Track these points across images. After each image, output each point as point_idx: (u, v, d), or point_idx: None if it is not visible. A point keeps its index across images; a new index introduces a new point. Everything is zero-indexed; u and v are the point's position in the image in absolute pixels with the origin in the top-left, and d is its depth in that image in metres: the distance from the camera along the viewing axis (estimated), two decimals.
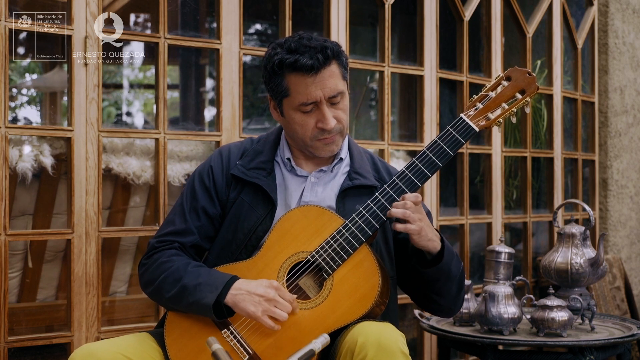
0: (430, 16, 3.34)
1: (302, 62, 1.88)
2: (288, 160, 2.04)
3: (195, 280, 1.85)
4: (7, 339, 2.32)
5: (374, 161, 2.12)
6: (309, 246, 1.88)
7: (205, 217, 2.01)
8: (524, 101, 1.94)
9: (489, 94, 1.94)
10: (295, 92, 1.92)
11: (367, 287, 1.84)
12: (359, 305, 1.83)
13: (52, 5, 2.85)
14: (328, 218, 1.89)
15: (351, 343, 1.73)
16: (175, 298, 1.88)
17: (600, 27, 4.26)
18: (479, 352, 2.69)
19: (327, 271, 1.85)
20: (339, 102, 1.96)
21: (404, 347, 1.74)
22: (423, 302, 2.07)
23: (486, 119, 1.92)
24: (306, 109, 1.93)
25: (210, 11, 4.22)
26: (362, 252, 1.86)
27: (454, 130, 1.90)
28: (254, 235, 1.95)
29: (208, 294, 1.82)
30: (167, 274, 1.90)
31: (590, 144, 4.26)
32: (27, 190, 2.80)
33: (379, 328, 1.75)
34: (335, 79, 1.93)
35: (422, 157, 1.88)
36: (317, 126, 1.94)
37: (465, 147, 3.46)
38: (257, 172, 2.00)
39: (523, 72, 1.94)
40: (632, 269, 4.31)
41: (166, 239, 1.99)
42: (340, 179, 2.04)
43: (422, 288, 2.00)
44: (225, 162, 2.05)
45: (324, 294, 1.85)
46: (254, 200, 1.99)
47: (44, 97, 6.46)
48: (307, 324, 1.83)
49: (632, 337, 2.68)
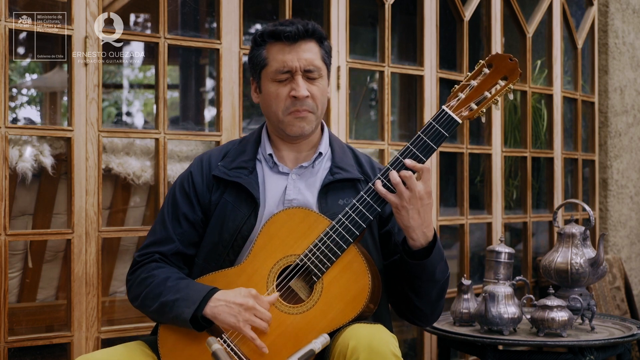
0: (430, 16, 3.34)
1: (281, 29, 1.94)
2: (270, 156, 2.03)
3: (173, 295, 1.84)
4: (7, 339, 2.32)
5: (356, 155, 2.10)
6: (296, 249, 1.86)
7: (187, 224, 2.00)
8: (506, 88, 1.89)
9: (471, 83, 1.88)
10: (272, 60, 1.96)
11: (357, 288, 1.81)
12: (351, 307, 1.81)
13: (52, 5, 2.85)
14: (314, 219, 1.87)
15: (343, 347, 1.72)
16: (157, 313, 1.88)
17: (600, 27, 4.26)
18: (479, 352, 2.69)
19: (317, 274, 1.83)
20: (316, 79, 1.97)
21: (396, 349, 1.72)
22: (400, 304, 2.00)
23: (469, 109, 1.87)
24: (281, 77, 1.95)
25: (210, 11, 4.22)
26: (351, 253, 1.83)
27: (437, 124, 1.85)
28: (239, 234, 1.94)
29: (185, 309, 1.80)
30: (149, 290, 1.90)
31: (590, 144, 4.26)
32: (27, 190, 2.80)
33: (370, 331, 1.73)
34: (313, 54, 1.96)
35: (406, 152, 1.85)
36: (289, 95, 1.95)
37: (465, 147, 3.47)
38: (239, 172, 1.99)
39: (505, 58, 1.88)
40: (632, 269, 4.31)
41: (147, 251, 1.99)
42: (322, 174, 2.02)
43: (401, 285, 1.95)
44: (206, 166, 2.04)
45: (315, 298, 1.83)
46: (237, 200, 1.97)
47: (44, 97, 6.46)
48: (300, 329, 1.81)
49: (632, 337, 2.68)
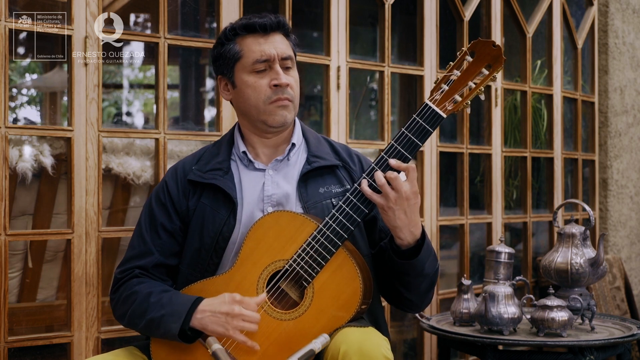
0: (430, 16, 3.34)
1: (254, 20, 1.96)
2: (244, 154, 2.01)
3: (158, 312, 1.82)
4: (7, 339, 2.32)
5: (331, 144, 2.09)
6: (284, 254, 1.83)
7: (165, 234, 1.97)
8: (491, 77, 1.81)
9: (454, 73, 1.80)
10: (248, 51, 1.96)
11: (349, 292, 1.79)
12: (343, 311, 1.79)
13: (52, 5, 2.85)
14: (301, 223, 1.84)
15: (334, 351, 1.70)
16: (146, 330, 1.87)
17: (600, 27, 4.26)
18: (479, 352, 2.69)
19: (307, 279, 1.80)
20: (290, 68, 1.98)
21: (388, 352, 1.71)
22: (389, 294, 2.00)
23: (453, 102, 1.80)
24: (260, 67, 1.94)
25: (210, 11, 4.22)
26: (340, 256, 1.80)
27: (421, 119, 1.80)
28: (220, 237, 1.92)
29: (172, 324, 1.79)
30: (134, 308, 1.88)
31: (590, 144, 4.26)
32: (27, 190, 2.80)
33: (361, 335, 1.72)
34: (285, 45, 1.98)
35: (390, 151, 1.81)
36: (270, 85, 1.94)
37: (465, 147, 3.47)
38: (214, 173, 1.97)
39: (488, 44, 1.79)
40: (632, 269, 4.31)
41: (127, 267, 1.96)
42: (299, 166, 2.00)
43: (390, 278, 1.94)
44: (180, 173, 2.02)
45: (307, 303, 1.81)
46: (215, 202, 1.95)
47: (44, 97, 6.46)
48: (293, 335, 1.79)
49: (632, 337, 2.68)
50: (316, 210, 1.93)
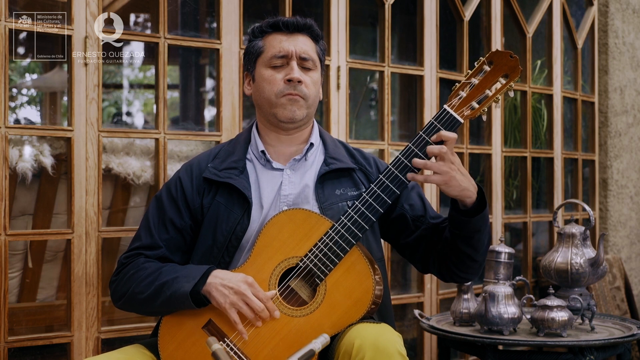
0: (430, 16, 3.34)
1: (280, 18, 2.02)
2: (262, 154, 2.02)
3: (172, 274, 1.85)
4: (7, 339, 2.32)
5: (347, 147, 2.12)
6: (298, 251, 1.85)
7: (174, 230, 1.98)
8: (507, 86, 1.87)
9: (472, 81, 1.86)
10: (269, 46, 2.01)
11: (361, 290, 1.81)
12: (355, 309, 1.81)
13: (52, 5, 2.85)
14: (315, 221, 1.86)
15: (348, 345, 1.72)
16: (151, 297, 1.86)
17: (600, 27, 4.26)
18: (479, 352, 2.69)
19: (320, 276, 1.82)
20: (310, 69, 2.01)
21: (401, 348, 1.72)
22: (454, 265, 1.97)
23: (471, 108, 1.85)
24: (277, 63, 1.99)
25: (210, 11, 4.22)
26: (354, 255, 1.83)
27: (439, 123, 1.84)
28: (233, 236, 1.94)
29: (185, 283, 1.81)
30: (141, 279, 1.88)
31: (590, 144, 4.26)
32: (27, 190, 2.80)
33: (375, 330, 1.73)
34: (308, 46, 2.02)
35: (408, 153, 1.84)
36: (284, 79, 1.97)
37: (465, 147, 3.47)
38: (229, 172, 1.99)
39: (505, 55, 1.86)
40: (632, 269, 4.31)
41: (133, 253, 1.98)
42: (317, 166, 2.03)
43: (456, 248, 1.92)
44: (196, 170, 2.03)
45: (318, 300, 1.82)
46: (229, 201, 1.96)
47: (44, 97, 6.46)
48: (303, 332, 1.80)
49: (632, 337, 2.68)
50: (332, 212, 1.95)
